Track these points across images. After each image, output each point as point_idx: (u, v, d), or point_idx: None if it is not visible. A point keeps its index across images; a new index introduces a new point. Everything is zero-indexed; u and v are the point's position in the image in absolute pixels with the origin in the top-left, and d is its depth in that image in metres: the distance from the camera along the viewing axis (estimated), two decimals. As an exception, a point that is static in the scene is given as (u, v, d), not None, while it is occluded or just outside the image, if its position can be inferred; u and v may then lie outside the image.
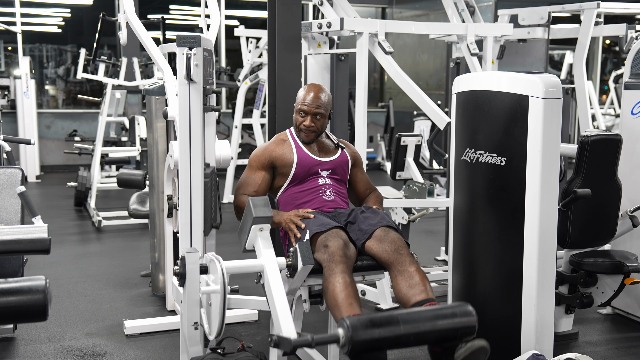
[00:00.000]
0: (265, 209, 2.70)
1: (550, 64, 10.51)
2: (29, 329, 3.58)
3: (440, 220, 5.72)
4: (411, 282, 2.68)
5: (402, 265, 2.73)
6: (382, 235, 2.81)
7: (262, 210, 2.69)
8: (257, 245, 2.70)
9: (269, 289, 2.59)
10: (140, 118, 7.31)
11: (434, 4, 9.92)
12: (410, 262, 2.73)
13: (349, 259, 2.71)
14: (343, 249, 2.70)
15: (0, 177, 3.08)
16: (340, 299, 2.58)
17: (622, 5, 5.76)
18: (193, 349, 2.67)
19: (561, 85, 2.76)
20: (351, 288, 2.62)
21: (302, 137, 3.14)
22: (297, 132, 3.17)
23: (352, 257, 2.76)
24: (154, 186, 4.08)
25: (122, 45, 4.20)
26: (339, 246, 2.69)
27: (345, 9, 4.17)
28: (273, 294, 2.56)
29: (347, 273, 2.65)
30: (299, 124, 3.13)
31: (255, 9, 11.32)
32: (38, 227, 2.56)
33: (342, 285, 2.59)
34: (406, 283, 2.69)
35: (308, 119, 3.10)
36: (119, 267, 4.84)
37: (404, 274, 2.71)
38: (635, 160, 3.72)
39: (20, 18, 10.00)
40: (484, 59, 4.37)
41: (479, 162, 3.00)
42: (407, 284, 2.68)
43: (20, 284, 2.30)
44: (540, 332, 2.81)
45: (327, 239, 2.73)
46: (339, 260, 2.66)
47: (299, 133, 3.16)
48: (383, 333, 2.25)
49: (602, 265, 3.31)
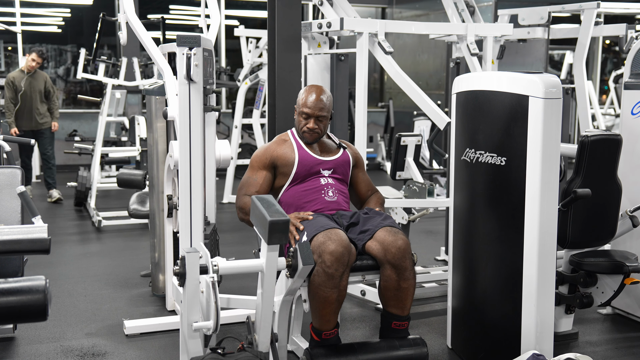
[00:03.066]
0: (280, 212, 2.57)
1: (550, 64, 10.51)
2: (29, 329, 3.58)
3: (440, 220, 5.72)
4: (398, 294, 2.88)
5: (399, 275, 2.85)
6: (389, 239, 2.84)
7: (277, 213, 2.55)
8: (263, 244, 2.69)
9: (260, 294, 2.62)
10: (140, 118, 7.31)
11: (434, 4, 9.92)
12: (408, 276, 2.86)
13: (343, 266, 2.73)
14: (338, 260, 2.72)
15: (0, 177, 3.08)
16: (321, 312, 2.79)
17: (622, 5, 5.75)
18: (193, 349, 2.67)
19: (561, 85, 2.76)
20: (334, 305, 2.76)
21: (306, 138, 3.14)
22: (299, 134, 3.17)
23: (351, 260, 2.79)
24: (154, 186, 4.08)
25: (122, 45, 4.20)
26: (333, 259, 2.71)
27: (345, 9, 4.17)
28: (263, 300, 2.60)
29: (336, 289, 2.74)
30: (301, 127, 3.13)
31: (255, 9, 11.32)
32: (38, 227, 2.56)
33: (325, 301, 2.75)
34: (393, 293, 2.88)
35: (311, 121, 3.11)
36: (119, 267, 4.84)
37: (398, 284, 2.86)
38: (635, 160, 3.72)
39: (20, 18, 10.00)
40: (484, 59, 4.37)
41: (479, 162, 3.00)
42: (394, 295, 2.88)
43: (20, 284, 2.30)
44: (540, 332, 2.81)
45: (325, 241, 2.73)
46: (332, 274, 2.71)
47: (301, 134, 3.16)
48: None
49: (602, 265, 3.31)
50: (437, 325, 3.71)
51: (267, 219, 2.41)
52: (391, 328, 2.94)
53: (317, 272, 2.71)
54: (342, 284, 2.74)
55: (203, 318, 2.56)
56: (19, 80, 7.04)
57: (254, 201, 2.56)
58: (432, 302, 4.11)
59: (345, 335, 3.53)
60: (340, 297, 2.77)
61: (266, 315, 2.62)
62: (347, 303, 4.04)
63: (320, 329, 2.84)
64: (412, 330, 3.41)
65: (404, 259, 2.82)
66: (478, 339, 3.13)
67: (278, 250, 2.55)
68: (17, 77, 7.06)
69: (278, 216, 2.43)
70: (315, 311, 2.80)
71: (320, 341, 2.85)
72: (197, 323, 2.51)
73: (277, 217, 2.43)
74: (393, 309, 2.91)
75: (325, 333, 2.84)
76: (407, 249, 2.84)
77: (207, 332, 2.53)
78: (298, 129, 3.16)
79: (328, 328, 2.83)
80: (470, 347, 3.20)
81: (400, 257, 2.82)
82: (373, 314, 3.90)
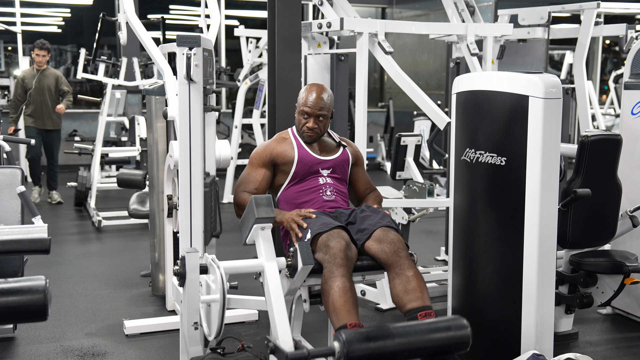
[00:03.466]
0: (268, 209, 2.67)
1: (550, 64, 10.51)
2: (29, 329, 3.58)
3: (440, 220, 5.71)
4: (408, 286, 2.68)
5: (400, 268, 2.73)
6: (382, 236, 2.80)
7: (265, 210, 2.66)
8: (258, 244, 2.69)
9: (268, 292, 2.59)
10: (140, 118, 7.31)
11: (434, 4, 9.92)
12: (409, 265, 2.72)
13: (350, 261, 2.71)
14: (345, 251, 2.69)
15: (0, 177, 3.08)
16: (339, 304, 2.58)
17: (622, 5, 5.75)
18: (193, 349, 2.67)
19: (561, 85, 2.76)
20: (350, 294, 2.62)
21: (305, 137, 3.13)
22: (299, 132, 3.16)
23: (353, 259, 2.76)
24: (154, 186, 4.08)
25: (122, 45, 4.20)
26: (340, 248, 2.68)
27: (345, 9, 4.17)
28: (272, 297, 2.56)
29: (347, 277, 2.65)
30: (301, 126, 3.12)
31: (255, 9, 11.32)
32: (38, 227, 2.56)
33: (341, 290, 2.59)
34: (402, 287, 2.69)
35: (311, 120, 3.09)
36: (119, 267, 4.84)
37: (401, 277, 2.71)
38: (635, 160, 3.72)
39: (20, 18, 10.01)
40: (484, 59, 4.37)
41: (479, 162, 3.00)
42: (404, 288, 2.69)
43: (20, 284, 2.30)
44: (540, 332, 2.81)
45: (328, 239, 2.72)
46: (340, 263, 2.65)
47: (301, 133, 3.15)
48: (378, 347, 2.28)
49: (602, 265, 3.31)
50: (437, 325, 3.70)
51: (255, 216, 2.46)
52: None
53: (328, 267, 2.65)
54: (350, 275, 2.67)
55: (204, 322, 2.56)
56: (29, 78, 6.94)
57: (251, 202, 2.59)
58: (432, 302, 4.10)
59: (345, 335, 3.53)
60: (353, 288, 2.65)
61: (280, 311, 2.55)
62: (347, 303, 4.04)
63: (345, 322, 2.59)
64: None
65: (399, 251, 2.75)
66: (478, 339, 3.11)
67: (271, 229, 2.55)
68: (28, 75, 6.96)
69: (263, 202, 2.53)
70: (335, 307, 2.60)
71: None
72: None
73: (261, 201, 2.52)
74: (412, 303, 2.66)
75: (351, 324, 2.59)
76: (400, 242, 2.78)
77: (209, 338, 2.53)
78: (298, 128, 3.16)
79: (352, 319, 2.57)
80: (470, 347, 3.20)
81: (395, 250, 2.75)
82: (373, 314, 3.90)
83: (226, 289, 2.49)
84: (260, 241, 2.69)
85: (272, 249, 2.69)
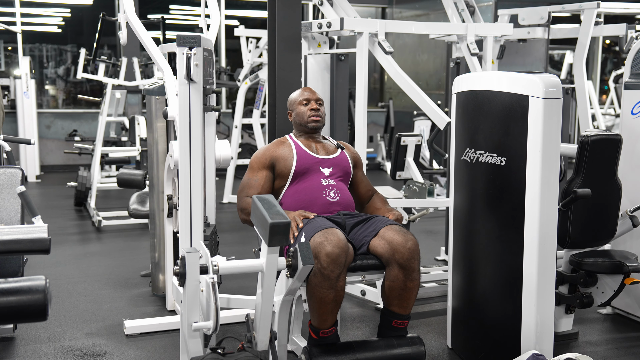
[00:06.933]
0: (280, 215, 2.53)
1: (550, 64, 10.51)
2: (29, 329, 3.58)
3: (440, 220, 5.71)
4: (403, 294, 2.89)
5: (407, 276, 2.86)
6: (401, 241, 2.85)
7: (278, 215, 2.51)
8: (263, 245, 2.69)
9: (260, 294, 2.62)
10: (140, 118, 7.30)
11: (434, 4, 9.92)
12: (415, 277, 2.88)
13: (339, 267, 2.73)
14: (334, 261, 2.72)
15: (0, 177, 3.08)
16: (318, 311, 2.80)
17: (622, 5, 5.75)
18: (193, 349, 2.67)
19: (561, 85, 2.76)
20: (331, 305, 2.76)
21: (310, 124, 3.21)
22: (304, 126, 3.21)
23: (348, 261, 2.80)
24: (154, 186, 4.08)
25: (122, 45, 4.20)
26: (329, 260, 2.71)
27: (345, 9, 4.17)
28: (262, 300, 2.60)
29: (332, 288, 2.73)
30: (304, 114, 3.22)
31: (255, 9, 11.31)
32: (38, 227, 2.56)
33: (321, 301, 2.76)
34: (398, 293, 2.89)
35: (313, 103, 3.23)
36: (119, 267, 4.84)
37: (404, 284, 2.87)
38: (635, 160, 3.72)
39: (20, 18, 10.00)
40: (484, 59, 4.37)
41: (479, 162, 3.00)
42: (399, 294, 2.89)
43: (20, 284, 2.30)
44: (540, 332, 2.81)
45: (321, 244, 2.73)
46: (328, 275, 2.71)
47: (305, 124, 3.20)
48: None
49: (602, 265, 3.31)
50: (437, 325, 3.71)
51: (268, 222, 2.40)
52: (391, 326, 2.95)
53: (314, 272, 2.72)
54: (338, 285, 2.75)
55: (203, 318, 2.56)
56: None
57: (255, 201, 2.56)
58: (432, 302, 4.11)
59: (345, 334, 3.53)
60: (338, 297, 2.77)
61: (265, 315, 2.62)
62: (347, 303, 4.04)
63: (318, 327, 2.85)
64: (412, 330, 3.41)
65: (412, 260, 2.85)
66: (478, 339, 3.13)
67: (278, 252, 2.55)
68: None
69: (279, 218, 2.42)
70: (313, 310, 2.82)
71: (318, 339, 2.87)
72: (197, 323, 2.51)
73: (278, 219, 2.42)
74: (395, 308, 2.92)
75: (323, 331, 2.85)
76: (417, 250, 2.87)
77: (207, 332, 2.53)
78: (303, 121, 3.22)
79: (325, 327, 2.84)
80: (470, 347, 3.20)
81: (410, 257, 2.84)
82: (373, 314, 3.90)
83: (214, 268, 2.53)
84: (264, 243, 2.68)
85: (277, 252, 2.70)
